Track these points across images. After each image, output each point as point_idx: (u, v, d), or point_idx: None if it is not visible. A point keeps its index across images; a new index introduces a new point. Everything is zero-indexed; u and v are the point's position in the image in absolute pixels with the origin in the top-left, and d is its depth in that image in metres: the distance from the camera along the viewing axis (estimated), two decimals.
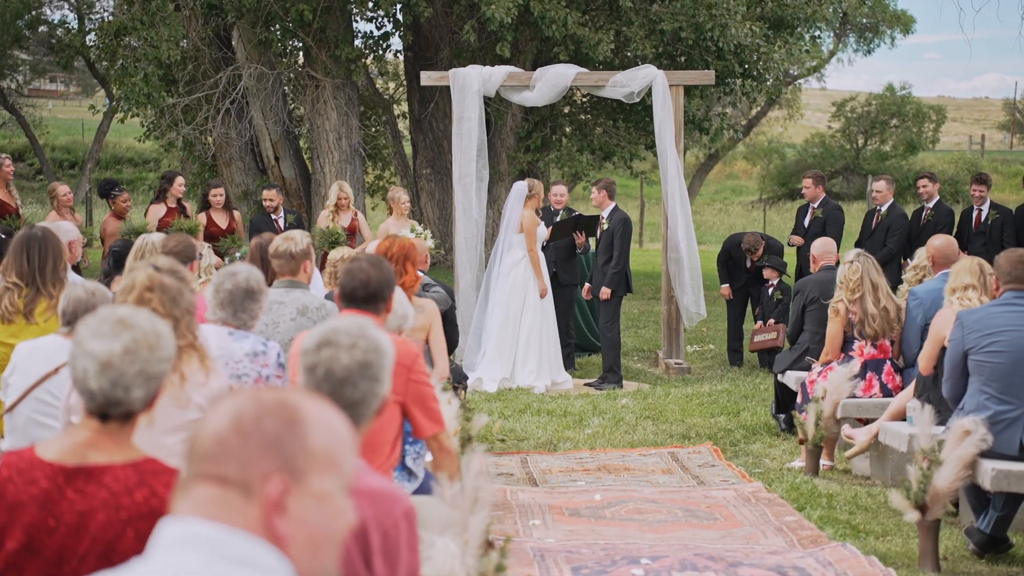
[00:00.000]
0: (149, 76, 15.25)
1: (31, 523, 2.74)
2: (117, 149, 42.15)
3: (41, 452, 2.83)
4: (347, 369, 2.81)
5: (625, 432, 9.31)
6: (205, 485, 1.78)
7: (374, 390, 2.85)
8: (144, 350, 2.82)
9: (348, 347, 2.84)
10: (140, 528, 2.74)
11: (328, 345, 2.85)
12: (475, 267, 11.93)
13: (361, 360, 2.83)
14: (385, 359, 2.87)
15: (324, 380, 2.81)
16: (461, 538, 3.99)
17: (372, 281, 4.25)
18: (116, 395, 2.79)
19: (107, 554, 2.73)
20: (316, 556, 1.81)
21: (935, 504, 5.81)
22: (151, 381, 2.84)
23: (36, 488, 2.76)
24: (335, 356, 2.82)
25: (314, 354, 2.85)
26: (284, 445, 1.79)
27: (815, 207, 12.29)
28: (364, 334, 2.87)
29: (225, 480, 1.77)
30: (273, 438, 1.79)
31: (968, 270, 6.74)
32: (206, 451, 1.79)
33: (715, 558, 5.97)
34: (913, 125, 41.38)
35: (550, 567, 5.89)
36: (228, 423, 1.80)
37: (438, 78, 12.36)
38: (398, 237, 6.52)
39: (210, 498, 1.77)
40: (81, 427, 2.86)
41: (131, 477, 2.78)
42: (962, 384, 6.00)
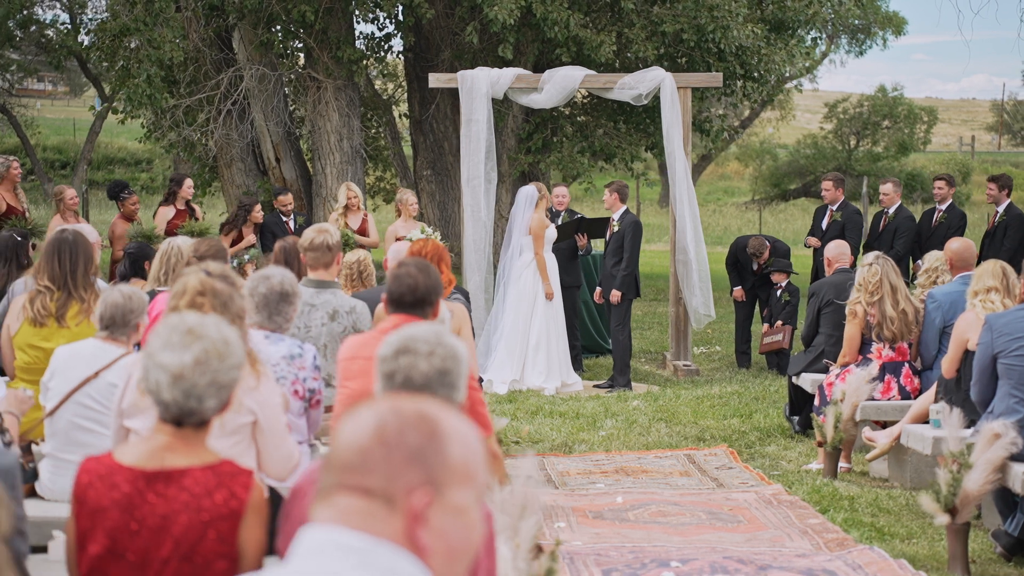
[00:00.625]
0: (152, 77, 15.19)
1: (113, 527, 2.75)
2: (109, 149, 42.05)
3: (120, 457, 2.84)
4: (425, 376, 2.82)
5: (639, 434, 9.32)
6: (348, 495, 1.79)
7: (451, 397, 2.86)
8: (214, 360, 2.83)
9: (426, 354, 2.85)
10: (221, 529, 2.76)
11: (406, 352, 2.85)
12: (483, 269, 11.92)
13: (439, 367, 2.84)
14: (462, 366, 2.88)
15: (403, 387, 2.82)
16: (512, 542, 3.99)
17: (420, 286, 4.25)
18: (190, 405, 2.81)
19: (189, 556, 2.75)
20: (452, 567, 1.82)
21: (965, 508, 5.82)
22: (223, 390, 2.86)
23: (117, 492, 2.77)
24: (413, 363, 2.83)
25: (392, 361, 2.85)
26: (426, 458, 1.79)
27: (834, 209, 12.31)
28: (441, 341, 2.88)
29: (369, 491, 1.78)
30: (416, 451, 1.80)
31: (991, 273, 6.76)
32: (349, 462, 1.80)
33: (745, 561, 5.98)
34: (905, 126, 41.52)
35: (580, 570, 5.90)
36: (371, 435, 1.80)
37: (446, 80, 12.36)
38: (429, 239, 6.52)
39: (354, 508, 1.77)
40: (157, 432, 2.87)
41: (210, 479, 2.80)
42: (991, 387, 6.02)
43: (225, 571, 2.75)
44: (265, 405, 3.96)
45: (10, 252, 8.76)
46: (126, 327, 4.67)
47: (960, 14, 69.67)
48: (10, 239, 8.88)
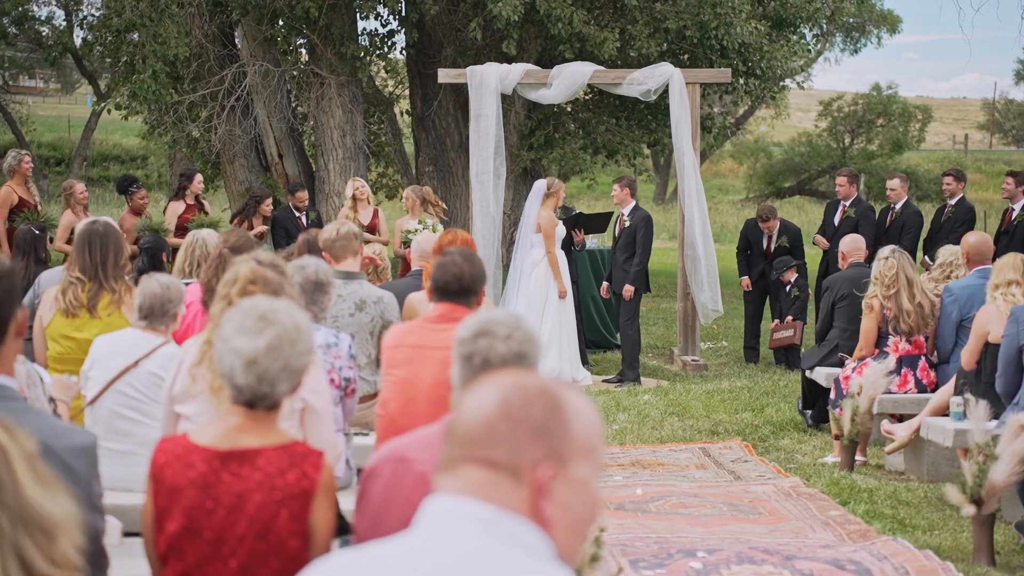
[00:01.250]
0: (158, 73, 15.17)
1: (190, 506, 2.79)
2: (104, 146, 41.97)
3: (195, 438, 2.88)
4: (503, 359, 2.85)
5: (652, 428, 9.34)
6: (474, 467, 1.81)
7: None
8: (287, 346, 2.88)
9: (504, 337, 2.88)
10: (293, 508, 2.80)
11: (485, 335, 2.88)
12: (492, 264, 11.92)
13: (517, 350, 2.87)
14: (538, 351, 2.91)
15: (481, 368, 2.84)
16: None
17: (465, 275, 4.27)
18: (263, 390, 2.85)
19: (264, 534, 2.78)
20: (574, 539, 1.84)
21: (990, 499, 5.86)
22: (294, 375, 2.90)
23: (194, 472, 2.81)
24: (492, 346, 2.86)
25: (471, 343, 2.88)
26: (551, 432, 1.82)
27: (847, 205, 12.35)
28: (519, 325, 2.91)
29: (495, 464, 1.81)
30: (541, 425, 1.82)
31: (1012, 266, 6.81)
32: (474, 435, 1.82)
33: (770, 551, 6.01)
34: (899, 124, 41.64)
35: (607, 559, 5.91)
36: (496, 409, 1.83)
37: (456, 75, 12.38)
38: (459, 232, 6.54)
39: (480, 480, 1.80)
40: (230, 414, 2.90)
41: (283, 459, 2.83)
42: (1016, 379, 6.06)
43: (298, 549, 2.78)
44: (316, 392, 3.98)
45: (28, 245, 8.79)
46: (164, 316, 4.69)
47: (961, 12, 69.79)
48: (28, 233, 8.90)
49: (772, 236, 12.28)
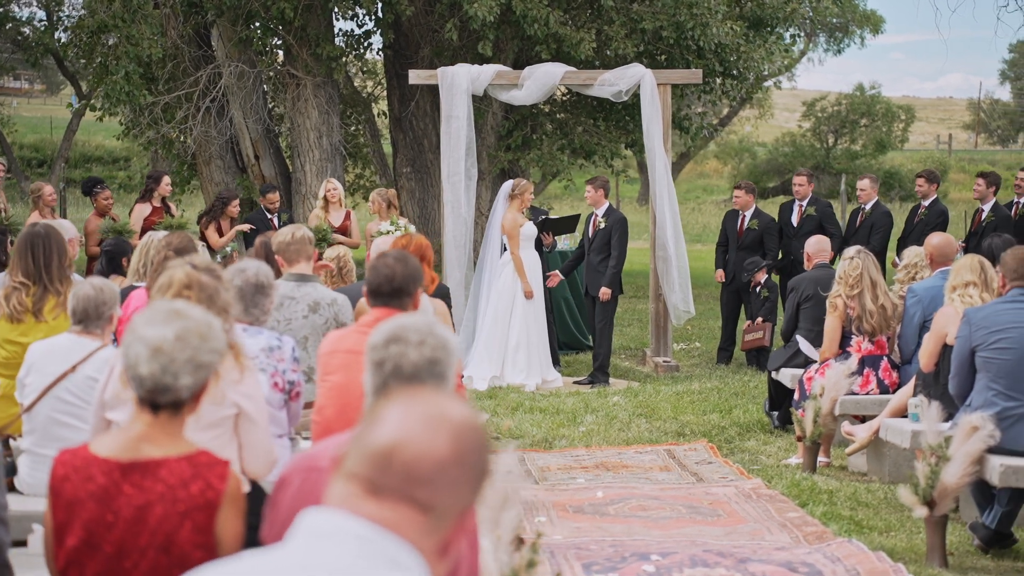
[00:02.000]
0: (131, 74, 15.10)
1: (90, 519, 2.74)
2: (86, 148, 41.85)
3: (96, 449, 2.83)
4: (415, 366, 2.81)
5: (619, 430, 9.33)
6: (407, 508, 1.74)
7: (440, 388, 2.85)
8: (195, 338, 2.84)
9: (416, 344, 2.84)
10: (197, 520, 2.75)
11: (397, 341, 2.85)
12: (464, 266, 11.92)
13: (429, 357, 2.83)
14: (452, 357, 2.88)
15: (392, 376, 2.81)
16: (493, 534, 3.98)
17: (397, 276, 4.23)
18: (165, 381, 2.80)
19: (166, 547, 2.74)
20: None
21: (943, 500, 5.86)
22: (200, 370, 2.85)
23: (93, 484, 2.76)
24: (404, 352, 2.83)
25: (382, 350, 2.84)
26: (485, 480, 1.79)
27: (804, 205, 12.41)
28: (432, 331, 2.87)
29: (431, 509, 1.75)
30: (483, 472, 1.79)
31: (969, 267, 6.80)
32: (421, 474, 1.75)
33: (724, 554, 6.00)
34: (883, 124, 41.73)
35: (560, 563, 5.90)
36: (450, 451, 1.76)
37: (427, 76, 12.35)
38: (414, 235, 6.51)
39: (407, 521, 1.74)
40: (134, 421, 2.86)
41: (186, 470, 2.79)
42: (969, 381, 6.05)
43: (203, 562, 2.73)
44: (250, 398, 3.94)
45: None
46: (100, 320, 4.65)
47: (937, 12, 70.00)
48: None
49: (746, 216, 12.27)
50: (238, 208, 12.38)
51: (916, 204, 12.89)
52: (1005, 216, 12.21)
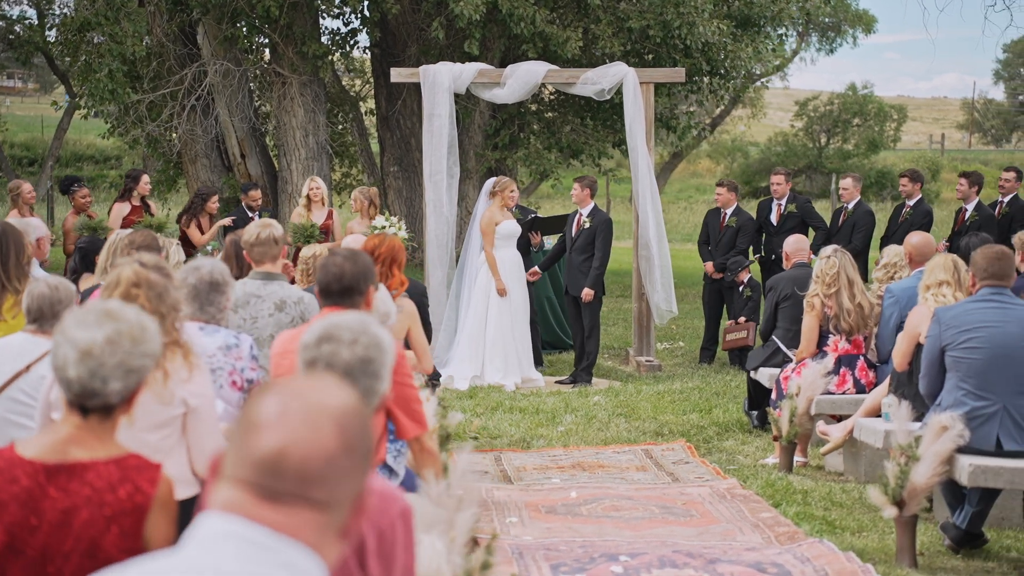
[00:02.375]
0: (114, 72, 15.05)
1: (13, 522, 2.68)
2: (78, 147, 41.73)
3: (22, 450, 2.76)
4: (348, 365, 2.77)
5: (598, 430, 9.29)
6: (307, 510, 1.69)
7: (374, 387, 2.81)
8: (127, 342, 2.76)
9: (349, 343, 2.79)
10: (124, 525, 2.69)
11: (329, 340, 2.80)
12: (446, 264, 11.88)
13: (362, 356, 2.79)
14: (386, 356, 2.83)
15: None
16: (447, 536, 3.94)
17: (347, 274, 4.18)
18: (93, 385, 2.72)
19: (92, 552, 2.68)
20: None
21: (912, 500, 5.82)
22: (131, 375, 2.77)
23: (17, 487, 2.69)
24: (336, 351, 2.78)
25: (314, 349, 2.80)
26: (372, 458, 1.76)
27: (783, 203, 12.40)
28: (366, 330, 2.82)
29: (328, 505, 1.70)
30: (370, 452, 1.75)
31: (942, 267, 6.76)
32: (313, 473, 1.69)
33: (693, 555, 5.96)
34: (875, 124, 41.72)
35: (529, 564, 5.86)
36: (337, 443, 1.71)
37: (408, 75, 12.30)
38: (387, 236, 6.46)
39: (309, 523, 1.69)
40: (62, 423, 2.80)
41: (114, 474, 2.72)
42: (939, 380, 6.02)
43: None
44: (199, 396, 3.90)
45: None
46: (55, 318, 4.58)
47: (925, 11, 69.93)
48: None
49: (727, 214, 12.27)
50: (217, 204, 12.33)
51: (900, 203, 12.86)
52: (988, 216, 12.18)
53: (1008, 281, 5.96)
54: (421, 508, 4.06)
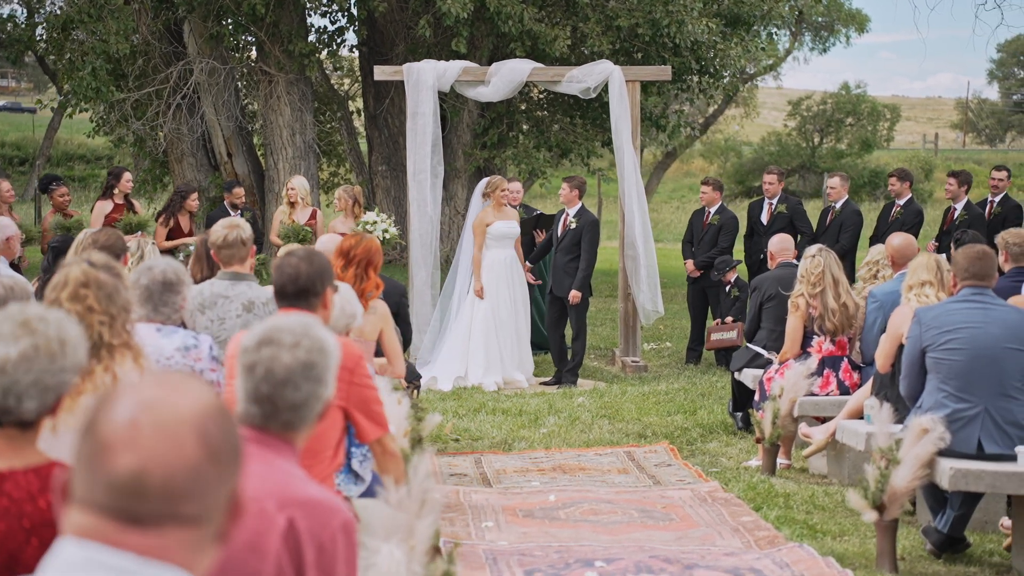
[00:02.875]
0: (98, 70, 14.92)
1: None
2: (69, 146, 41.57)
3: None
4: (288, 369, 2.64)
5: (581, 431, 9.18)
6: (178, 529, 1.56)
7: (317, 392, 2.68)
8: (44, 358, 2.59)
9: (290, 346, 2.66)
10: (44, 536, 2.56)
11: (269, 344, 2.67)
12: (430, 264, 11.78)
13: (304, 360, 2.65)
14: (330, 360, 2.70)
15: (264, 380, 2.63)
16: (407, 544, 3.83)
17: (303, 275, 4.05)
18: (7, 403, 2.57)
19: (11, 565, 2.55)
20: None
21: (893, 504, 5.72)
22: (47, 392, 2.60)
23: None
24: (276, 355, 2.65)
25: (254, 352, 2.66)
26: (241, 453, 1.61)
27: (774, 203, 12.33)
28: (308, 333, 2.70)
29: (199, 520, 1.57)
30: (237, 449, 1.61)
31: (925, 267, 6.66)
32: (178, 489, 1.55)
33: (671, 560, 5.86)
34: (868, 123, 41.67)
35: (502, 570, 5.75)
36: (200, 452, 1.57)
37: (392, 73, 12.19)
38: (364, 237, 6.35)
39: (184, 542, 1.56)
40: None
41: (33, 483, 2.58)
42: (920, 382, 5.91)
43: None
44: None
45: None
46: None
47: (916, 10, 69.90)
48: None
49: (710, 213, 12.19)
50: (197, 203, 12.20)
51: (889, 203, 12.75)
52: (978, 215, 12.09)
53: (990, 281, 5.86)
54: (381, 514, 3.95)
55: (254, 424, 2.69)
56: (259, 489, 2.58)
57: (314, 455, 3.88)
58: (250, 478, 2.61)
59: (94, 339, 3.67)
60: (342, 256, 6.43)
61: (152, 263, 4.57)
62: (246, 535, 2.53)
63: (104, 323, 3.72)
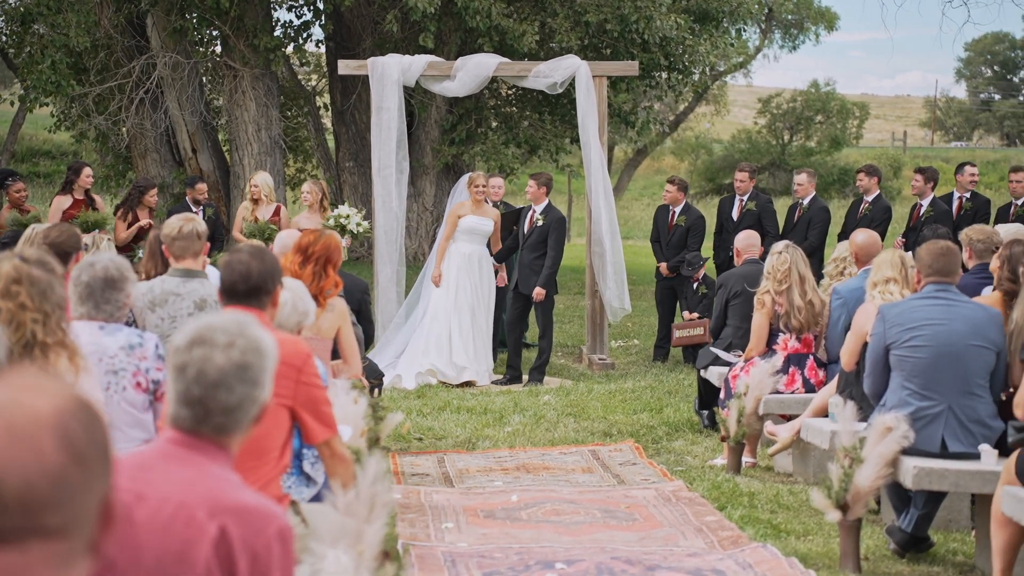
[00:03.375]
0: (58, 64, 14.69)
1: None
2: (33, 142, 41.09)
3: None
4: (221, 371, 2.50)
5: (546, 430, 9.08)
6: (42, 543, 1.42)
7: (252, 395, 2.55)
8: None
9: (224, 346, 2.52)
10: None
11: (201, 344, 2.52)
12: (395, 261, 11.66)
13: (238, 361, 2.51)
14: (266, 361, 2.57)
15: (195, 382, 2.50)
16: (355, 549, 3.71)
17: (254, 273, 3.93)
18: None
19: None
20: None
21: (856, 503, 5.64)
22: None
23: None
24: (208, 356, 2.51)
25: (185, 353, 2.53)
26: (111, 453, 1.48)
27: (744, 200, 12.27)
28: (243, 332, 2.56)
29: (66, 531, 1.43)
30: (104, 450, 1.47)
31: (889, 263, 6.60)
32: (41, 500, 1.41)
33: (632, 561, 5.76)
34: (837, 121, 41.81)
35: (461, 573, 5.64)
36: (61, 454, 1.43)
37: (356, 67, 12.04)
38: (324, 234, 6.22)
39: (49, 556, 1.43)
40: None
41: None
42: (884, 380, 5.84)
43: None
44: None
45: None
46: None
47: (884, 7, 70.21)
48: None
49: (675, 212, 12.12)
50: (156, 198, 12.01)
51: (858, 199, 12.71)
52: (944, 211, 12.07)
53: (954, 278, 5.79)
54: (328, 519, 3.83)
55: (185, 427, 2.57)
56: (189, 496, 2.46)
57: (259, 456, 3.76)
58: (180, 484, 2.50)
59: (27, 338, 3.54)
60: (300, 252, 6.31)
61: (94, 259, 4.43)
62: (174, 544, 2.41)
63: (37, 321, 3.59)
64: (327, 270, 6.29)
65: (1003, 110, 64.58)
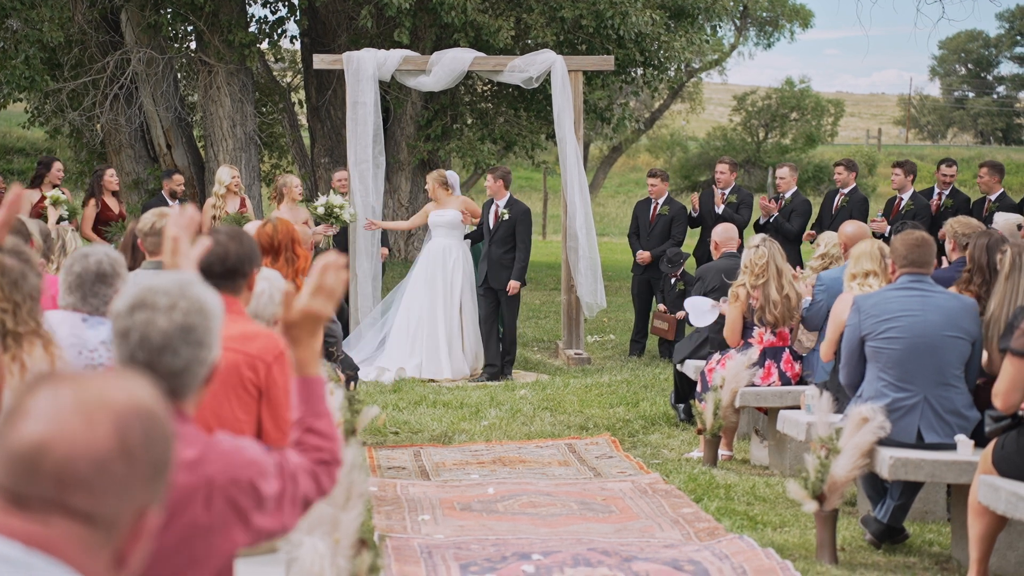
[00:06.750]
0: (31, 59, 14.57)
1: None
2: (8, 139, 40.75)
3: None
4: (165, 334, 2.40)
5: (522, 424, 9.08)
6: (64, 520, 1.44)
7: (199, 356, 2.44)
8: None
9: (166, 309, 2.41)
10: None
11: (143, 307, 2.41)
12: (373, 256, 11.62)
13: (182, 323, 2.41)
14: (211, 321, 2.47)
15: (139, 348, 2.40)
16: (331, 537, 3.69)
17: (231, 255, 3.88)
18: None
19: None
20: None
21: (833, 494, 5.66)
22: None
23: None
24: (151, 320, 2.40)
25: (127, 318, 2.41)
26: (165, 474, 1.48)
27: (726, 193, 12.30)
28: (184, 293, 2.45)
29: (93, 520, 1.44)
30: (159, 466, 1.48)
31: (869, 255, 6.62)
32: (77, 476, 1.44)
33: (609, 553, 5.76)
34: (812, 119, 41.96)
35: (437, 564, 5.62)
36: (112, 444, 1.46)
37: (331, 61, 12.00)
38: (271, 220, 6.19)
39: (69, 537, 1.43)
40: None
41: None
42: (859, 371, 5.86)
43: None
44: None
45: None
46: None
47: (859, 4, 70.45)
48: None
49: (658, 204, 12.14)
50: (116, 178, 11.86)
51: (833, 190, 12.74)
52: (924, 205, 12.13)
53: (928, 268, 5.81)
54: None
55: None
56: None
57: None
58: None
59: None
60: (267, 251, 6.27)
61: (89, 250, 4.37)
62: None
63: (7, 311, 3.54)
64: (296, 251, 6.27)
65: (977, 108, 65.01)
